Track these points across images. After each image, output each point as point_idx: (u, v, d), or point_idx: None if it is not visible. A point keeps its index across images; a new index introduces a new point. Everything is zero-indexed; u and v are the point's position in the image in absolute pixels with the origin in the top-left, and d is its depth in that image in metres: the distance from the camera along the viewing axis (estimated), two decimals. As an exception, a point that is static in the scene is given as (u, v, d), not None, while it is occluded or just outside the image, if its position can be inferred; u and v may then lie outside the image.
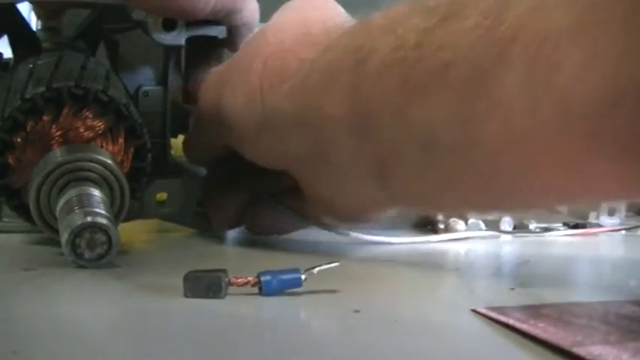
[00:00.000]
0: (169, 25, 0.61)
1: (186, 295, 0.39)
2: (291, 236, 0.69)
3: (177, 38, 0.63)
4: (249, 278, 0.41)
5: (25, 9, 0.76)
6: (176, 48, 0.65)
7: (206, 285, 0.40)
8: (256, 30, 0.63)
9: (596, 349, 0.31)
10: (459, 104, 0.43)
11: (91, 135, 0.57)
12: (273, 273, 0.41)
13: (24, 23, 0.67)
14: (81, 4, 0.68)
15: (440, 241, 0.68)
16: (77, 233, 0.46)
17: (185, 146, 0.66)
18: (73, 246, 0.46)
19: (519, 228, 0.79)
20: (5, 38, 0.67)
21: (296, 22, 0.57)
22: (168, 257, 0.57)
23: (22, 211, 0.56)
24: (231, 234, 0.72)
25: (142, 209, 0.64)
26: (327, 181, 0.55)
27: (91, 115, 0.58)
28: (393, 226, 0.74)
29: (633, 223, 0.84)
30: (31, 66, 0.61)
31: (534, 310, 0.38)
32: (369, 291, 0.46)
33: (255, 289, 0.41)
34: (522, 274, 0.54)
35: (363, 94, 0.49)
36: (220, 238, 0.68)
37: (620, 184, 0.40)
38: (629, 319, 0.38)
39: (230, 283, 0.40)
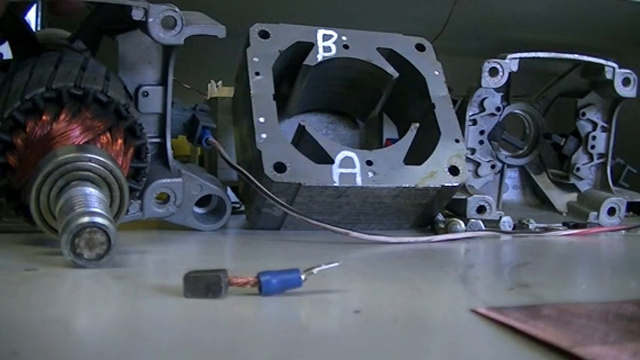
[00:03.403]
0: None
1: (186, 295, 0.39)
2: (292, 236, 0.69)
3: (177, 38, 0.63)
4: (249, 278, 0.41)
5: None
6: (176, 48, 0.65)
7: (206, 285, 0.40)
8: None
9: (595, 349, 0.31)
10: None
11: (90, 135, 0.57)
12: (273, 273, 0.41)
13: (23, 24, 0.67)
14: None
15: (440, 241, 0.68)
16: (76, 233, 0.46)
17: None
18: (72, 246, 0.46)
19: (519, 228, 0.79)
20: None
21: None
22: (168, 257, 0.57)
23: (22, 211, 0.57)
24: (232, 233, 0.72)
25: (142, 209, 0.65)
26: None
27: (90, 116, 0.58)
28: (393, 226, 0.74)
29: (633, 223, 0.84)
30: (30, 66, 0.61)
31: (534, 310, 0.38)
32: (369, 291, 0.46)
33: (255, 289, 0.41)
34: (522, 274, 0.54)
35: None
36: (220, 238, 0.68)
37: None
38: (628, 320, 0.38)
39: (230, 283, 0.40)
